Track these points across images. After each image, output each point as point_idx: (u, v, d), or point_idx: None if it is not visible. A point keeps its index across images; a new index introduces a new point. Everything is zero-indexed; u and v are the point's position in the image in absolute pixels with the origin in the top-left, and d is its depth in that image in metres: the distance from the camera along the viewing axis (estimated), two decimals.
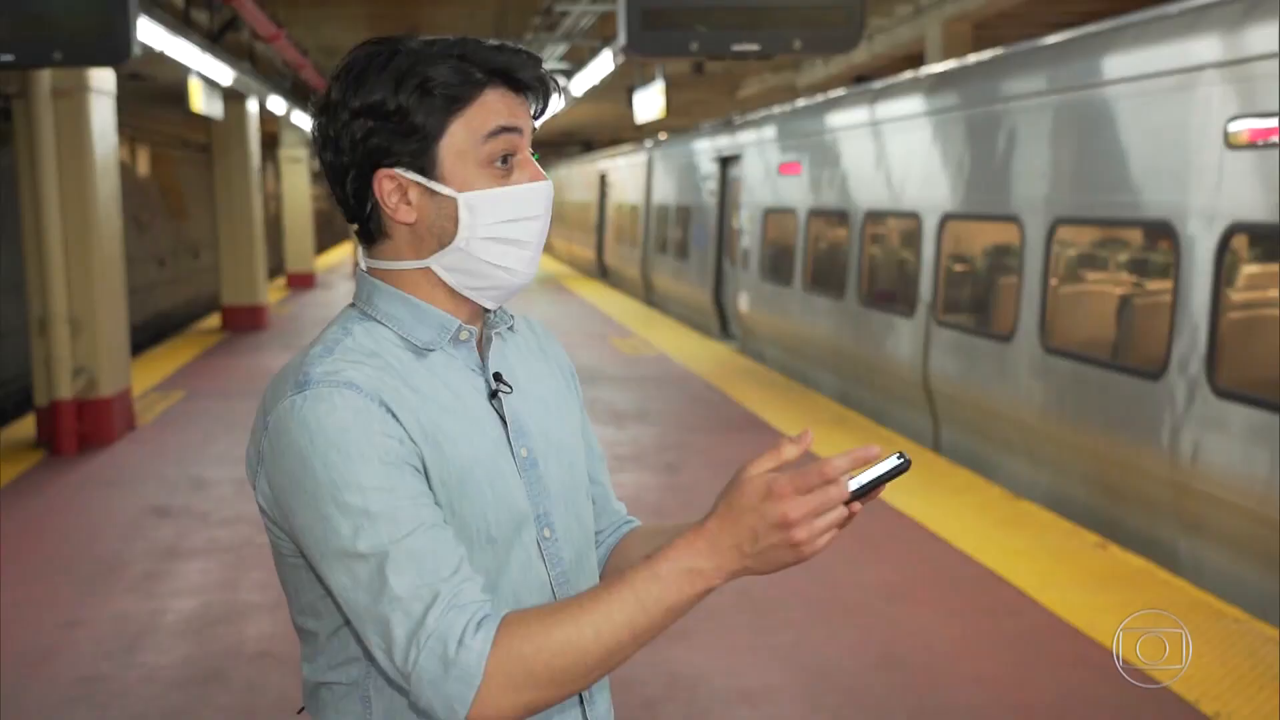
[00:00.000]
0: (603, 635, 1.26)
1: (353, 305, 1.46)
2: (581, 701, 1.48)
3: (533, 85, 1.41)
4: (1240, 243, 5.12)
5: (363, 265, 1.49)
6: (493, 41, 1.42)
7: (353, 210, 1.43)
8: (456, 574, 1.28)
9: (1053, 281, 6.54)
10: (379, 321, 1.42)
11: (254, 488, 1.39)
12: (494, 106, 1.38)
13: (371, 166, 1.39)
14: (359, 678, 1.40)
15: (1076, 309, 6.61)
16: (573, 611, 1.27)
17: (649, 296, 18.15)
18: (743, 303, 12.59)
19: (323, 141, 1.41)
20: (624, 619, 1.26)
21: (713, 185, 14.22)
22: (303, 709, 1.50)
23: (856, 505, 1.32)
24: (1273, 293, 5.15)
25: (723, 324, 14.04)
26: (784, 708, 4.00)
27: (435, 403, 1.37)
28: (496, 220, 1.40)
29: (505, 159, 1.40)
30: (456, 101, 1.36)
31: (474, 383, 1.44)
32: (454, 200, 1.38)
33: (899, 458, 1.33)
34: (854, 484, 1.32)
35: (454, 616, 1.25)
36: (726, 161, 13.76)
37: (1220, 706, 3.84)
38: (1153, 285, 5.91)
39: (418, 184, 1.39)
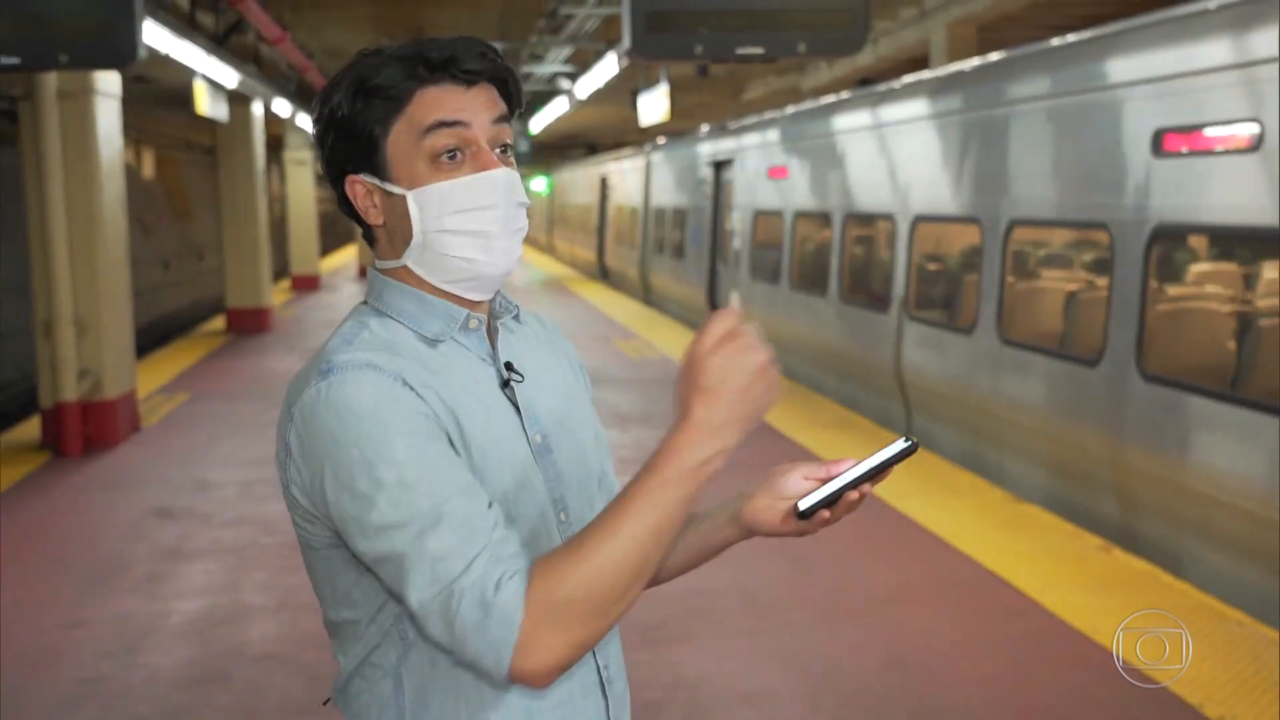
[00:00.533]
0: (630, 552, 1.27)
1: (364, 303, 1.51)
2: (601, 683, 1.51)
3: (476, 76, 1.43)
4: (1164, 241, 5.70)
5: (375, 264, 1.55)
6: (459, 37, 1.45)
7: (345, 213, 1.50)
8: (495, 530, 1.31)
9: (1009, 279, 7.06)
10: (391, 316, 1.46)
11: (284, 485, 1.42)
12: (433, 102, 1.41)
13: (342, 174, 1.45)
14: (396, 659, 1.43)
15: (1029, 304, 7.15)
16: (595, 538, 1.28)
17: (648, 296, 18.60)
18: (734, 301, 13.04)
19: (319, 155, 1.48)
20: (647, 529, 1.27)
21: (707, 189, 14.69)
22: (328, 700, 1.53)
23: (866, 487, 1.40)
24: (1190, 287, 5.86)
25: None
26: (785, 709, 4.00)
27: (452, 387, 1.41)
28: (447, 212, 1.43)
29: (453, 154, 1.42)
30: (395, 101, 1.41)
31: (486, 372, 1.48)
32: (404, 198, 1.43)
33: (905, 441, 1.38)
34: (861, 468, 1.40)
35: (492, 566, 1.27)
36: (720, 165, 14.20)
37: (1224, 711, 3.84)
38: (1103, 284, 6.27)
39: (377, 186, 1.44)
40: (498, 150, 1.45)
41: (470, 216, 1.43)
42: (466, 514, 1.30)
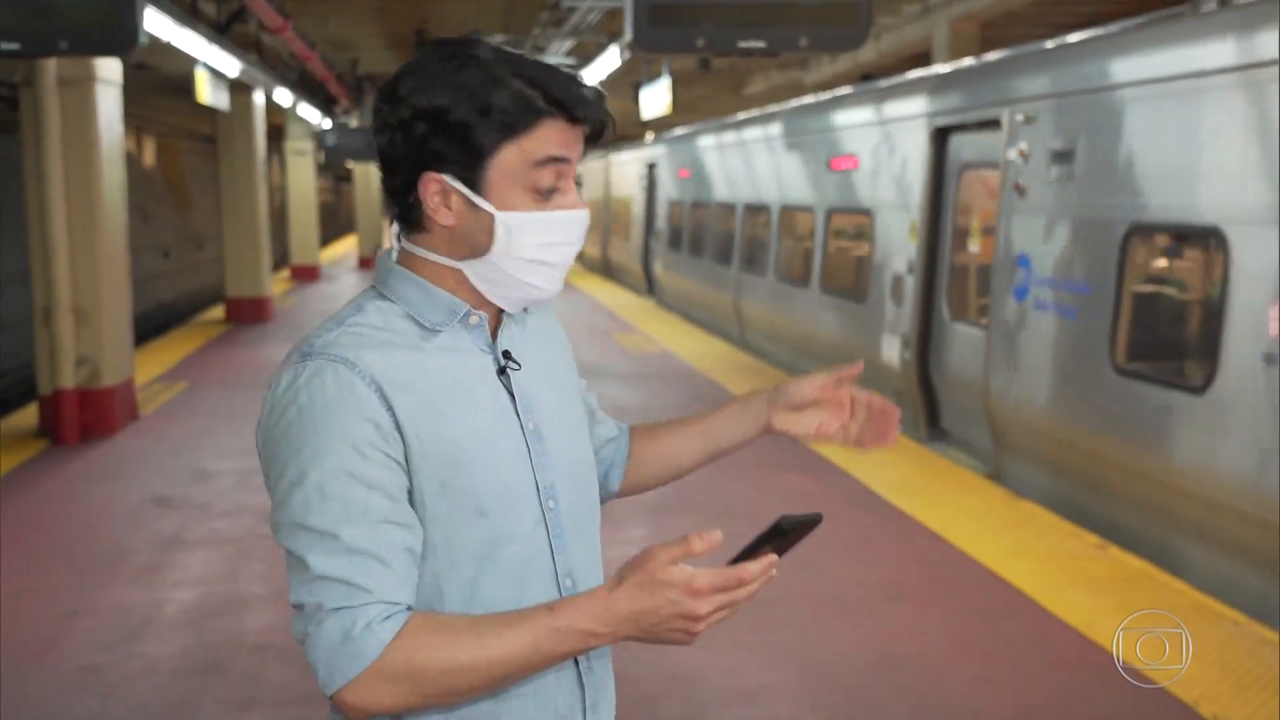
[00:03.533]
0: (495, 667, 1.35)
1: (372, 286, 1.54)
2: (579, 670, 1.52)
3: (590, 124, 1.46)
4: (831, 218, 10.49)
5: (386, 246, 1.56)
6: (559, 67, 1.48)
7: (397, 198, 1.49)
8: (389, 569, 1.36)
9: (783, 241, 11.84)
10: (392, 301, 1.49)
11: (257, 444, 1.47)
12: (548, 137, 1.44)
13: (422, 166, 1.44)
14: None
15: (790, 256, 11.73)
16: (474, 637, 1.35)
17: (609, 270, 22.96)
18: (658, 267, 18.24)
19: (380, 127, 1.46)
20: (519, 658, 1.36)
21: (644, 183, 19.44)
22: None
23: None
24: (842, 243, 10.42)
25: (650, 285, 19.12)
26: (783, 706, 4.00)
27: (434, 380, 1.44)
28: (531, 242, 1.46)
29: (553, 189, 1.46)
30: (513, 128, 1.42)
31: (481, 361, 1.50)
32: (492, 216, 1.44)
33: (777, 523, 1.38)
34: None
35: (368, 606, 1.34)
36: (652, 166, 18.92)
37: (1219, 709, 3.84)
38: (810, 243, 11.07)
39: (463, 194, 1.44)
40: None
41: (550, 249, 1.48)
42: (366, 546, 1.35)
